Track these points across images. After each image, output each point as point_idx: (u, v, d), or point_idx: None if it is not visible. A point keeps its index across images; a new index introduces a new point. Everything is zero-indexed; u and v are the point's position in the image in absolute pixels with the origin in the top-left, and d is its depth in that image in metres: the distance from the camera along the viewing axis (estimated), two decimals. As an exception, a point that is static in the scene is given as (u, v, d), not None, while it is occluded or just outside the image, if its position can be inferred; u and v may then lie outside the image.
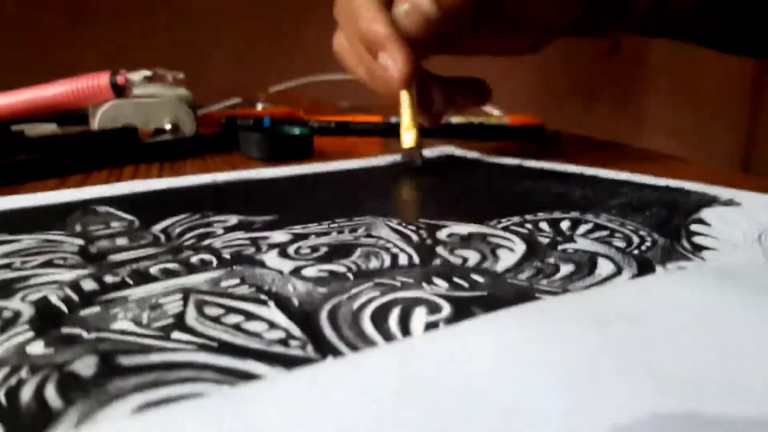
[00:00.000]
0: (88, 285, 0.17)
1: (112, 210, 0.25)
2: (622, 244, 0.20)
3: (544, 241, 0.21)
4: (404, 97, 0.33)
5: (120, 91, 0.41)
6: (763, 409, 0.11)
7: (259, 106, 0.55)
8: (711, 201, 0.26)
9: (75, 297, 0.16)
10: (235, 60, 0.88)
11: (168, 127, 0.42)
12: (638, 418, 0.11)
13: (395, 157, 0.36)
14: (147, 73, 0.42)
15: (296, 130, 0.41)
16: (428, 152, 0.40)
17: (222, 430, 0.10)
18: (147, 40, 0.83)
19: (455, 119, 0.48)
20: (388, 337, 0.14)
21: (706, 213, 0.24)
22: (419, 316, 0.15)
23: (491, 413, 0.11)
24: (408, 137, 0.34)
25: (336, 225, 0.22)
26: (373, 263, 0.19)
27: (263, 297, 0.16)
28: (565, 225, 0.23)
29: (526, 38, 0.38)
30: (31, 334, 0.14)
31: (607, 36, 0.45)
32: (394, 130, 0.48)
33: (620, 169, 0.32)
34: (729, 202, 0.25)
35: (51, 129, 0.42)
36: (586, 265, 0.19)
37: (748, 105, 0.99)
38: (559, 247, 0.20)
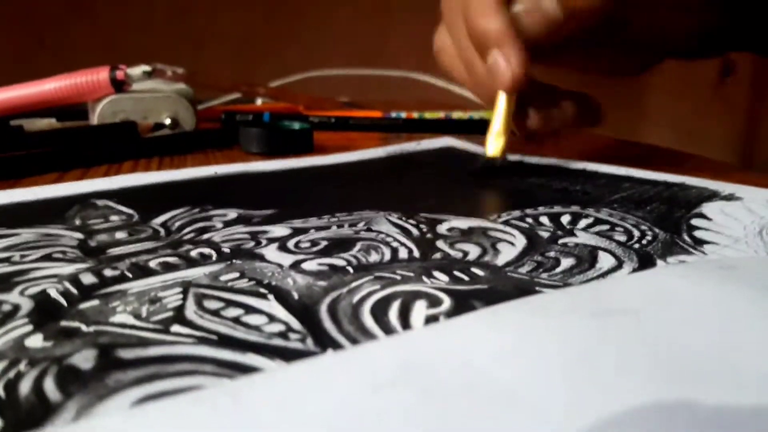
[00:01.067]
0: (87, 278, 0.17)
1: (111, 204, 0.25)
2: (623, 238, 0.20)
3: (545, 235, 0.21)
4: (502, 101, 0.31)
5: (119, 86, 0.40)
6: (763, 401, 0.11)
7: (259, 101, 0.55)
8: (712, 195, 0.26)
9: (74, 290, 0.16)
10: (235, 55, 0.88)
11: (167, 122, 0.41)
12: (638, 410, 0.11)
13: (476, 158, 0.33)
14: (146, 68, 0.42)
15: (296, 125, 0.41)
16: (427, 143, 0.40)
17: (221, 422, 0.10)
18: (146, 35, 0.83)
19: (455, 115, 0.47)
20: (388, 330, 0.14)
21: (706, 207, 0.24)
22: (419, 310, 0.15)
23: (491, 406, 0.11)
24: (493, 145, 0.31)
25: (336, 219, 0.22)
26: (373, 257, 0.19)
27: (263, 290, 0.16)
28: (565, 219, 0.22)
29: (640, 57, 0.35)
30: (30, 327, 0.14)
31: (721, 55, 0.42)
32: (393, 125, 0.48)
33: (621, 163, 0.32)
34: (730, 197, 0.25)
35: (50, 124, 0.42)
36: (586, 259, 0.18)
37: (749, 100, 0.99)
38: (560, 241, 0.20)
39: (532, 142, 0.35)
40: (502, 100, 0.31)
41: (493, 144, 0.31)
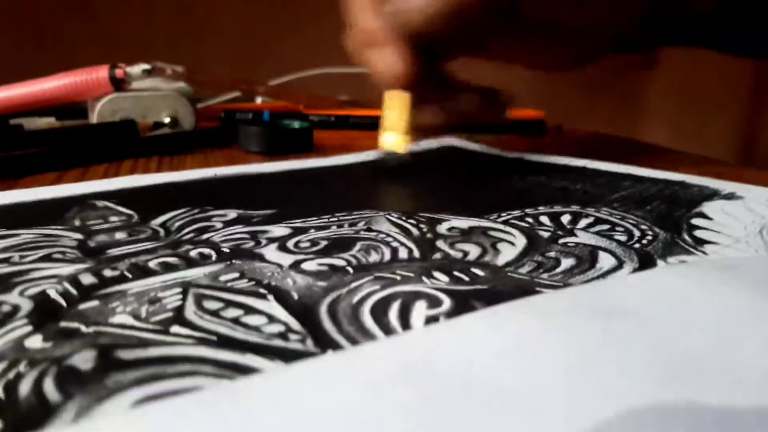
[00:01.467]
0: (87, 279, 0.17)
1: (110, 204, 0.25)
2: (623, 238, 0.20)
3: (545, 234, 0.21)
4: (392, 96, 0.31)
5: (119, 84, 0.40)
6: (764, 401, 0.11)
7: (259, 100, 0.55)
8: (712, 194, 0.26)
9: (74, 291, 0.16)
10: (234, 53, 0.88)
11: (167, 120, 0.41)
12: (639, 411, 0.11)
13: (374, 154, 0.33)
14: (146, 66, 0.42)
15: (296, 124, 0.41)
16: (430, 144, 0.40)
17: (221, 424, 0.10)
18: (145, 33, 0.83)
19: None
20: (388, 330, 0.14)
21: (707, 207, 0.24)
22: (419, 310, 0.15)
23: (491, 407, 0.11)
24: (388, 139, 0.31)
25: (336, 219, 0.22)
26: (373, 257, 0.19)
27: (262, 291, 0.16)
28: (566, 219, 0.22)
29: (571, 49, 0.33)
30: (29, 328, 0.14)
31: (654, 49, 0.40)
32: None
33: (621, 162, 0.32)
34: (730, 196, 0.25)
35: (49, 123, 0.42)
36: (587, 259, 0.18)
37: (749, 98, 0.99)
38: (560, 241, 0.20)
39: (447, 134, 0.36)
40: (392, 95, 0.31)
41: (388, 137, 0.31)
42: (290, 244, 0.20)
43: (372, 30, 0.30)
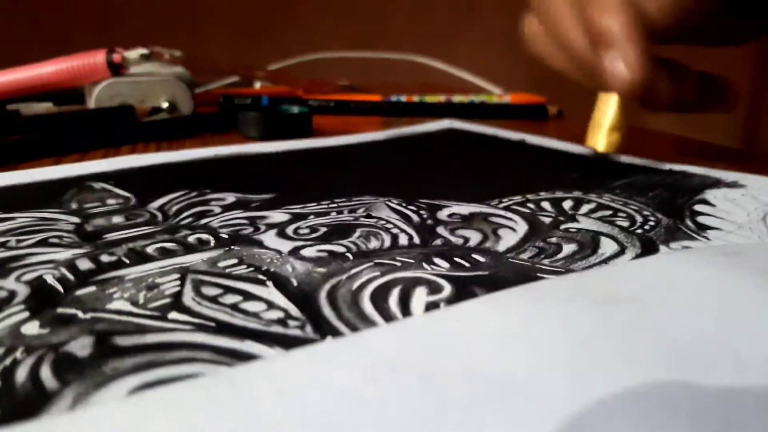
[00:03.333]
0: (84, 264, 0.17)
1: (108, 186, 0.25)
2: (625, 224, 0.20)
3: (547, 220, 0.21)
4: (613, 97, 0.28)
5: (116, 69, 0.40)
6: (766, 386, 0.11)
7: (257, 85, 0.55)
8: (715, 182, 0.25)
9: (71, 276, 0.16)
10: (233, 38, 0.87)
11: (165, 105, 0.41)
12: (640, 396, 0.11)
13: (586, 150, 0.30)
14: (143, 51, 0.41)
15: (295, 109, 0.40)
16: (431, 126, 0.39)
17: (220, 410, 0.10)
18: (143, 18, 0.82)
19: (456, 99, 0.47)
20: (388, 317, 0.14)
21: (710, 194, 0.24)
22: (420, 296, 0.15)
23: (492, 393, 0.11)
24: (602, 140, 0.28)
25: (335, 205, 0.22)
26: (373, 243, 0.18)
27: (261, 277, 0.16)
28: (567, 204, 0.22)
29: (745, 25, 0.31)
30: (26, 314, 0.14)
31: None
32: (394, 109, 0.47)
33: (623, 148, 0.32)
34: (733, 184, 0.25)
35: (47, 108, 0.41)
36: (589, 244, 0.18)
37: (752, 85, 0.98)
38: (562, 227, 0.20)
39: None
40: (615, 97, 0.28)
41: (602, 139, 0.28)
42: (289, 230, 0.20)
43: (611, 30, 0.26)
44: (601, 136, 0.28)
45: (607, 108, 0.28)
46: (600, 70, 0.27)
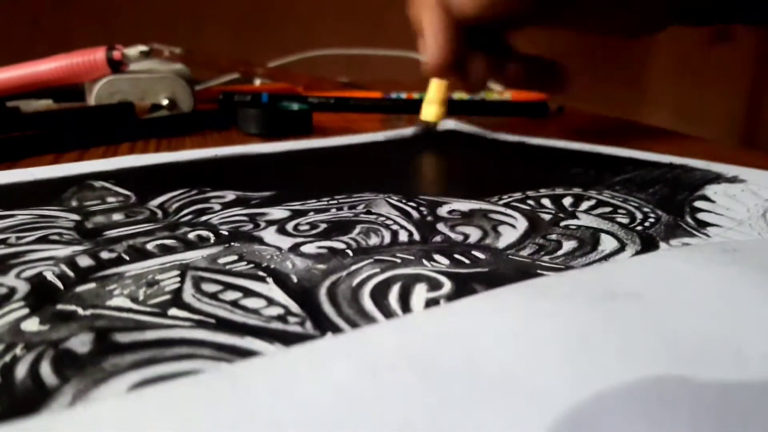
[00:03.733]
0: (84, 261, 0.17)
1: (108, 185, 0.25)
2: (625, 221, 0.20)
3: (546, 217, 0.21)
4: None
5: (116, 66, 0.40)
6: (766, 382, 0.11)
7: (257, 82, 0.55)
8: (715, 178, 0.25)
9: (71, 273, 0.16)
10: (233, 34, 0.87)
11: (165, 102, 0.41)
12: (641, 393, 0.11)
13: (410, 129, 0.37)
14: (143, 48, 0.41)
15: (295, 106, 0.40)
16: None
17: (220, 407, 0.10)
18: (143, 14, 0.82)
19: (457, 95, 0.47)
20: (388, 313, 0.14)
21: (710, 189, 0.24)
22: (419, 293, 0.15)
23: (492, 389, 0.11)
24: (428, 111, 0.35)
25: (335, 202, 0.22)
26: (373, 240, 0.18)
27: (261, 273, 0.16)
28: (567, 201, 0.22)
29: (642, 13, 0.32)
30: (26, 310, 0.14)
31: (718, 23, 0.39)
32: (394, 106, 0.47)
33: (623, 145, 0.32)
34: (734, 179, 0.25)
35: (47, 105, 0.41)
36: (588, 241, 0.18)
37: (751, 80, 0.98)
38: (562, 224, 0.20)
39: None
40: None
41: (427, 109, 0.36)
42: (289, 226, 0.20)
43: (415, 16, 0.31)
44: (426, 109, 0.36)
45: (432, 86, 0.36)
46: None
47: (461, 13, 0.30)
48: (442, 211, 0.21)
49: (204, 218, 0.21)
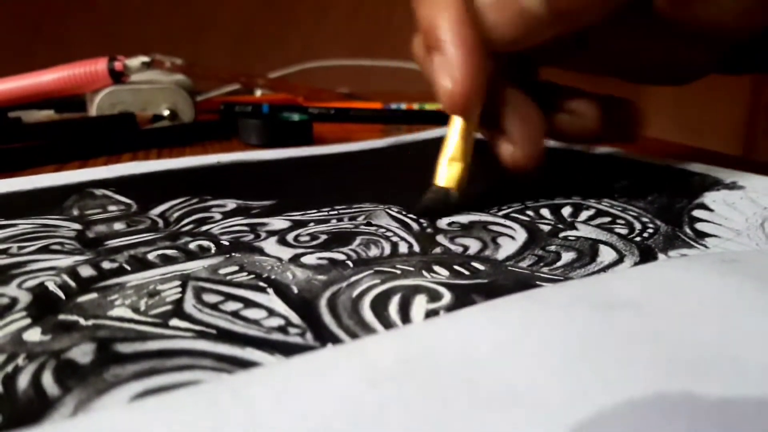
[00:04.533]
0: (86, 271, 0.17)
1: (109, 193, 0.25)
2: (624, 231, 0.20)
3: (546, 228, 0.21)
4: (456, 120, 0.23)
5: (117, 77, 0.40)
6: (766, 393, 0.11)
7: (258, 93, 0.55)
8: (714, 183, 0.25)
9: (72, 283, 0.16)
10: (234, 45, 0.87)
11: (166, 113, 0.41)
12: (640, 404, 0.11)
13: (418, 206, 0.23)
14: (145, 58, 0.41)
15: (295, 117, 0.41)
16: (427, 134, 0.39)
17: (221, 418, 0.10)
18: (144, 25, 0.83)
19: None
20: (388, 324, 0.14)
21: (708, 197, 0.24)
22: (419, 304, 0.15)
23: (492, 400, 0.11)
24: (444, 172, 0.23)
25: (335, 212, 0.22)
26: (373, 251, 0.18)
27: (262, 284, 0.16)
28: (566, 211, 0.22)
29: (701, 51, 0.25)
30: (28, 320, 0.14)
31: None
32: (394, 117, 0.47)
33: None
34: (732, 185, 0.25)
35: (48, 115, 0.42)
36: (587, 252, 0.18)
37: (750, 92, 0.98)
38: (561, 235, 0.20)
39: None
40: (456, 119, 0.23)
41: (444, 170, 0.23)
42: (290, 237, 0.20)
43: (436, 26, 0.22)
44: (440, 168, 0.23)
45: (452, 133, 0.23)
46: (431, 80, 0.22)
47: (500, 35, 0.22)
48: (442, 222, 0.21)
49: (205, 228, 0.21)
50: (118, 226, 0.21)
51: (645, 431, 0.10)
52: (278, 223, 0.21)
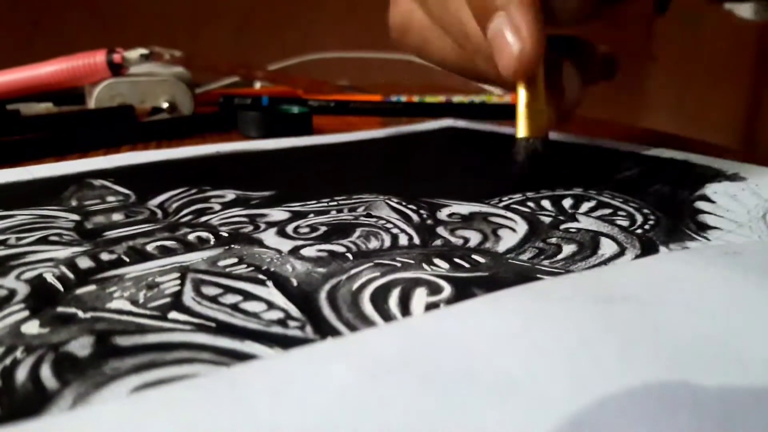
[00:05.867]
0: (84, 263, 0.17)
1: (107, 184, 0.25)
2: (625, 223, 0.20)
3: (546, 220, 0.21)
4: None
5: (116, 69, 0.40)
6: (765, 386, 0.11)
7: (258, 85, 0.55)
8: (716, 175, 0.25)
9: (70, 275, 0.16)
10: (233, 38, 0.87)
11: (165, 105, 0.41)
12: (641, 396, 0.11)
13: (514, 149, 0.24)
14: (144, 51, 0.41)
15: (295, 109, 0.40)
16: (431, 124, 0.39)
17: (220, 410, 0.10)
18: (143, 17, 0.82)
19: (456, 99, 0.47)
20: (387, 317, 0.14)
21: (710, 189, 0.24)
22: (420, 297, 0.15)
23: (492, 393, 0.11)
24: (525, 126, 0.23)
25: (335, 203, 0.22)
26: (373, 243, 0.18)
27: (262, 277, 0.16)
28: (567, 203, 0.22)
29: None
30: (26, 313, 0.14)
31: None
32: (394, 109, 0.47)
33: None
34: (734, 177, 0.25)
35: (47, 108, 0.41)
36: (588, 245, 0.18)
37: (750, 85, 0.98)
38: (562, 227, 0.20)
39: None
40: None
41: (525, 122, 0.23)
42: (289, 229, 0.20)
43: None
44: (525, 119, 0.23)
45: (520, 90, 0.24)
46: (485, 46, 0.22)
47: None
48: (442, 214, 0.21)
49: (204, 219, 0.21)
50: (117, 217, 0.21)
51: (646, 423, 0.10)
52: (278, 214, 0.21)
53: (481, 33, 0.23)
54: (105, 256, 0.17)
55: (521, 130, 0.23)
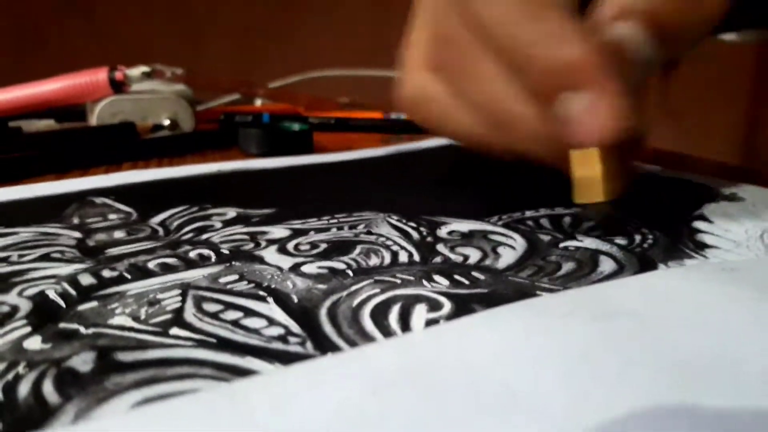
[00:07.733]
0: (86, 279, 0.17)
1: (109, 201, 0.25)
2: (623, 242, 0.20)
3: (546, 238, 0.21)
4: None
5: (118, 86, 0.40)
6: (765, 403, 0.11)
7: (258, 102, 0.55)
8: (714, 195, 0.25)
9: (72, 292, 0.16)
10: (234, 55, 0.88)
11: (166, 123, 0.41)
12: (640, 413, 0.11)
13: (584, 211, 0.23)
14: (145, 68, 0.41)
15: (296, 126, 0.41)
16: (428, 143, 0.40)
17: (220, 426, 0.10)
18: (144, 35, 0.83)
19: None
20: (388, 334, 0.14)
21: (708, 209, 0.24)
22: (419, 313, 0.15)
23: (492, 408, 0.11)
24: (592, 184, 0.20)
25: (335, 221, 0.22)
26: (373, 260, 0.19)
27: (262, 293, 0.16)
28: (566, 221, 0.22)
29: None
30: (28, 329, 0.14)
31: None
32: (394, 127, 0.47)
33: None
34: (732, 197, 0.25)
35: (49, 125, 0.42)
36: (587, 263, 0.18)
37: (750, 99, 0.99)
38: (561, 245, 0.20)
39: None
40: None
41: (590, 184, 0.21)
42: (290, 246, 0.20)
43: (569, 61, 0.18)
44: (586, 182, 0.21)
45: (590, 156, 0.20)
46: (542, 124, 0.20)
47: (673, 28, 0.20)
48: (442, 231, 0.21)
49: (205, 236, 0.21)
50: (118, 234, 0.21)
51: (645, 440, 0.10)
52: (278, 231, 0.21)
53: (530, 111, 0.20)
54: (107, 273, 0.17)
55: (584, 193, 0.21)
